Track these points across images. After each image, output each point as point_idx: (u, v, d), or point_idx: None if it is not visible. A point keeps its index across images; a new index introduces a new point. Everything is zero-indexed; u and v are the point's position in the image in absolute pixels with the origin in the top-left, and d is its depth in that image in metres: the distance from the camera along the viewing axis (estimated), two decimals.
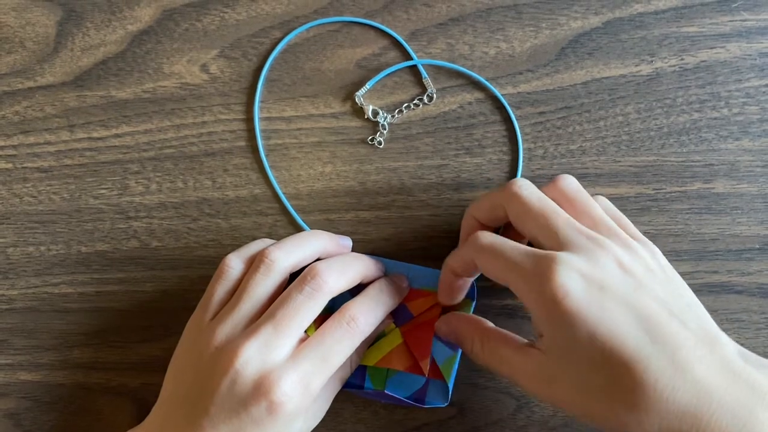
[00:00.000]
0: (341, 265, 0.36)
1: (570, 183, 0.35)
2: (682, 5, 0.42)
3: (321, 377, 0.33)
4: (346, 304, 0.35)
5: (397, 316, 0.38)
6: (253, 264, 0.36)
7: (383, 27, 0.42)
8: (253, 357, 0.32)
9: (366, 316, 0.35)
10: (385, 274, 0.39)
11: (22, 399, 0.41)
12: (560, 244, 0.32)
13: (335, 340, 0.34)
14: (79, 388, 0.41)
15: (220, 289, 0.36)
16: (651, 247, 0.34)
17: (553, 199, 0.34)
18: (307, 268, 0.35)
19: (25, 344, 0.42)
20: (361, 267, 0.37)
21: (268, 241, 0.38)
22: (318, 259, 0.37)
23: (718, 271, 0.40)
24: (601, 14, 0.42)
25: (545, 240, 0.33)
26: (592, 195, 0.35)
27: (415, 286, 0.39)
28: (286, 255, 0.36)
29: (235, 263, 0.36)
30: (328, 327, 0.34)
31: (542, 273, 0.31)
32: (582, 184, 0.40)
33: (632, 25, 0.42)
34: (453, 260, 0.36)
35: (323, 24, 0.43)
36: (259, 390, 0.32)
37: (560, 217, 0.33)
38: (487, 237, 0.34)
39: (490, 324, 0.36)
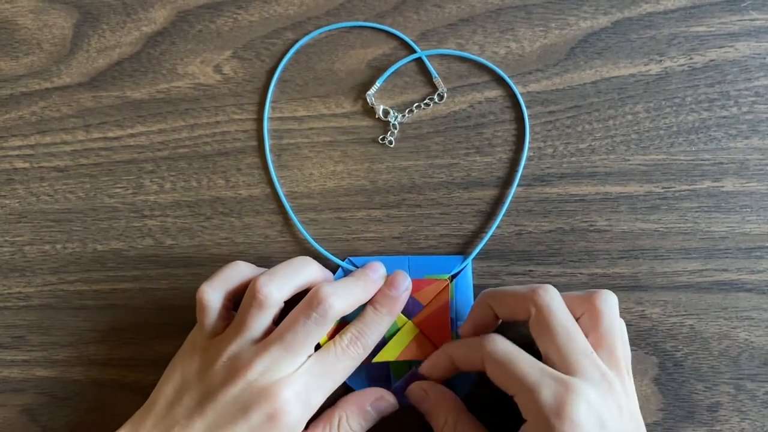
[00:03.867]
0: (345, 290, 0.37)
1: (605, 305, 0.35)
2: (691, 5, 0.42)
3: (322, 392, 0.35)
4: (346, 327, 0.37)
5: (407, 309, 0.39)
6: (246, 297, 0.37)
7: (392, 30, 0.43)
8: (264, 372, 0.34)
9: (365, 338, 0.37)
10: (388, 274, 0.39)
11: (39, 395, 0.42)
12: (573, 371, 0.32)
13: (336, 359, 0.36)
14: (94, 384, 0.42)
15: (208, 322, 0.37)
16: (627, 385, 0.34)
17: (578, 317, 0.35)
18: (312, 292, 0.36)
19: (41, 341, 0.42)
20: (363, 290, 0.38)
21: (242, 265, 0.39)
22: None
23: (727, 269, 0.40)
24: (610, 14, 0.42)
25: (559, 362, 0.33)
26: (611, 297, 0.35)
27: (419, 276, 0.39)
28: (278, 289, 0.36)
29: (212, 297, 0.37)
30: (330, 347, 0.36)
31: (558, 407, 0.31)
32: (591, 183, 0.41)
33: (641, 24, 0.42)
34: (457, 351, 0.37)
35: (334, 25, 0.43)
36: (263, 396, 0.34)
37: (579, 344, 0.33)
38: (500, 345, 0.34)
39: (463, 405, 0.37)
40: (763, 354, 0.39)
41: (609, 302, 0.35)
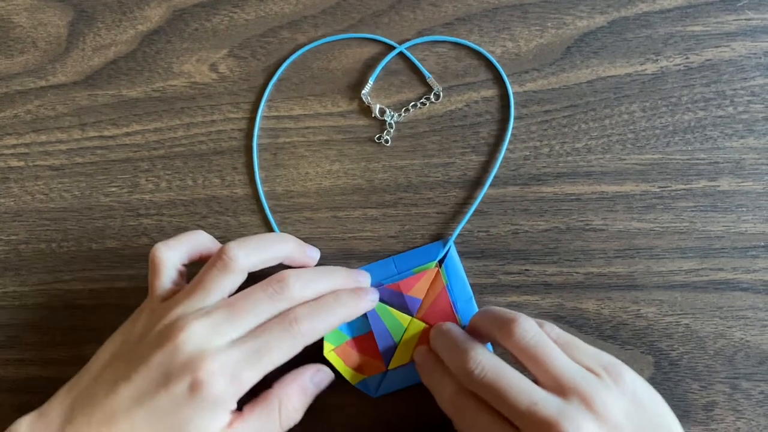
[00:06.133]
0: (312, 277, 0.36)
1: (524, 334, 0.33)
2: (687, 4, 0.42)
3: (253, 371, 0.33)
4: (293, 307, 0.35)
5: (407, 308, 0.39)
6: (210, 259, 0.35)
7: (381, 38, 0.43)
8: (197, 336, 0.32)
9: (311, 321, 0.34)
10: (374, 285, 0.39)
11: (33, 394, 0.42)
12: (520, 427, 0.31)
13: (273, 337, 0.33)
14: None
15: (159, 283, 0.36)
16: (616, 371, 0.33)
17: (514, 351, 0.33)
18: (277, 273, 0.35)
19: (36, 340, 0.42)
20: (334, 283, 0.37)
21: (203, 234, 0.38)
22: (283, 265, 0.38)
23: (723, 269, 0.40)
24: (606, 13, 0.42)
25: (506, 414, 0.32)
26: (539, 316, 0.36)
27: (407, 272, 0.40)
28: (246, 255, 0.35)
29: (167, 256, 0.36)
30: (270, 324, 0.34)
31: None
32: (588, 182, 0.41)
33: (637, 24, 0.42)
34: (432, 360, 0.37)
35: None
36: (187, 365, 0.32)
37: (519, 394, 0.31)
38: (489, 361, 0.33)
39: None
40: (759, 353, 0.40)
41: (524, 335, 0.33)
